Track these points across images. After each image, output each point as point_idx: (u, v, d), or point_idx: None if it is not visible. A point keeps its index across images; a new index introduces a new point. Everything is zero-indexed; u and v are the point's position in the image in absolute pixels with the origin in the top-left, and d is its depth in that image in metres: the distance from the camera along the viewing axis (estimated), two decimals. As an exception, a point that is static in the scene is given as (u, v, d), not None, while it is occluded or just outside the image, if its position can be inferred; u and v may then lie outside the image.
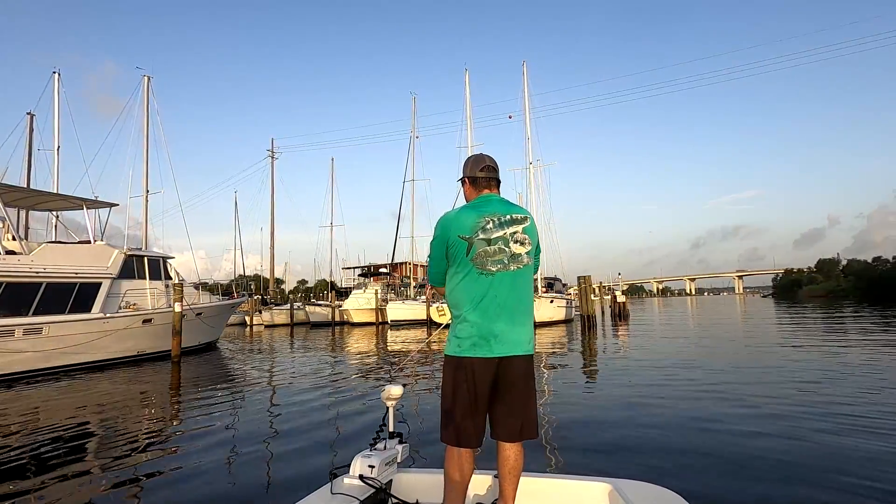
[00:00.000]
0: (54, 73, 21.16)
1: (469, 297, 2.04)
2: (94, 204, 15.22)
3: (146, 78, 22.67)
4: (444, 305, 2.29)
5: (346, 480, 2.17)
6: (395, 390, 2.40)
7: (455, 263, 2.08)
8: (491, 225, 2.05)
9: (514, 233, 2.09)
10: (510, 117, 32.44)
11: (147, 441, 5.40)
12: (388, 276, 36.97)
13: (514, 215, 2.11)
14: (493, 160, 2.25)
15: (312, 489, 2.18)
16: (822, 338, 13.43)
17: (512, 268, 2.07)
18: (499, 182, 2.25)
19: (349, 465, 2.23)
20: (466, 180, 2.23)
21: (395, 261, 35.99)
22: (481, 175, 2.20)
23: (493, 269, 2.04)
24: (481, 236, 2.04)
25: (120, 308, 14.11)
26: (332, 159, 44.47)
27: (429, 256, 2.20)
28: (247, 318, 34.79)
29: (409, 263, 37.03)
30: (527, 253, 2.11)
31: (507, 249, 2.06)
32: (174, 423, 6.30)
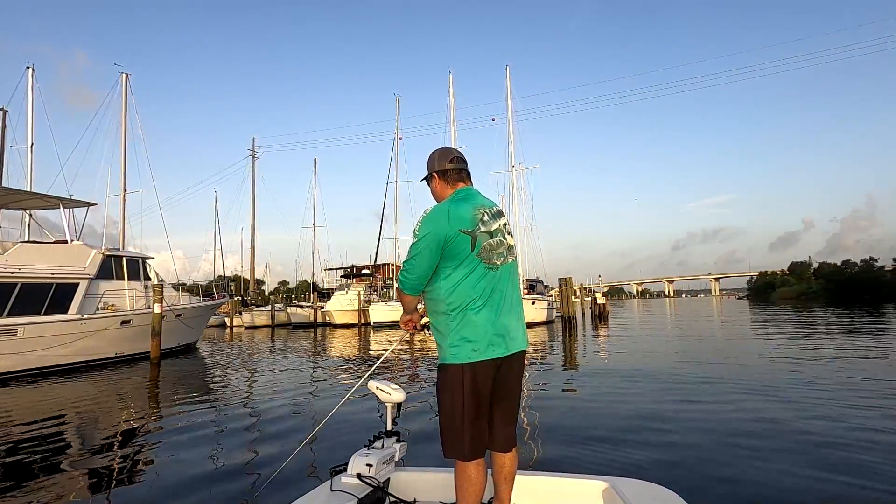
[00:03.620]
0: (28, 68, 20.63)
1: (478, 294, 1.91)
2: (71, 203, 14.87)
3: (124, 76, 22.29)
4: (421, 307, 2.09)
5: (345, 479, 2.18)
6: (395, 391, 2.40)
7: (454, 260, 1.91)
8: (487, 217, 1.97)
9: (505, 224, 2.04)
10: (493, 120, 32.69)
11: (130, 442, 5.33)
12: (370, 277, 36.82)
13: (496, 207, 2.06)
14: (460, 152, 2.13)
15: (313, 486, 2.20)
16: (793, 338, 13.88)
17: (510, 259, 2.03)
18: (469, 174, 2.13)
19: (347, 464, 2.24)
20: (436, 175, 2.09)
21: (378, 262, 35.88)
22: (451, 167, 2.07)
23: (499, 263, 1.96)
24: (483, 229, 1.93)
25: (98, 309, 13.82)
26: (315, 159, 44.48)
27: (412, 258, 1.94)
28: (227, 320, 34.29)
29: (393, 265, 36.96)
30: (514, 244, 2.10)
31: (505, 241, 2.00)
32: (158, 424, 6.21)
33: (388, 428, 2.46)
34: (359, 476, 2.16)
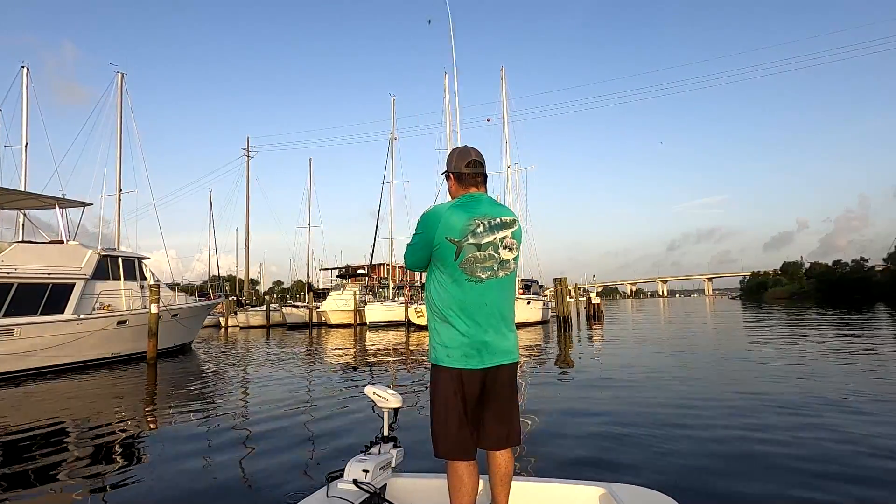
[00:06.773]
0: (23, 67, 20.57)
1: (457, 304, 1.95)
2: (67, 203, 14.88)
3: (120, 75, 22.28)
4: (423, 307, 2.13)
5: (341, 485, 2.19)
6: (392, 397, 2.42)
7: (440, 265, 1.97)
8: (481, 228, 1.95)
9: (504, 238, 1.99)
10: (488, 120, 32.85)
11: (126, 444, 5.37)
12: (366, 277, 36.89)
13: (503, 218, 2.01)
14: (480, 154, 2.12)
15: (310, 492, 2.22)
16: (786, 338, 14.07)
17: (500, 274, 1.99)
18: (486, 178, 2.12)
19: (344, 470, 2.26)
20: (451, 175, 2.10)
21: (374, 262, 35.96)
22: (467, 171, 2.06)
23: (483, 277, 1.94)
24: (471, 241, 1.93)
25: (94, 309, 13.85)
26: (311, 159, 44.32)
27: (409, 246, 2.07)
28: (222, 320, 34.25)
29: (388, 265, 37.05)
30: (514, 259, 2.03)
31: (496, 256, 1.96)
32: (155, 426, 6.28)
33: (385, 433, 2.48)
34: (355, 482, 2.17)
